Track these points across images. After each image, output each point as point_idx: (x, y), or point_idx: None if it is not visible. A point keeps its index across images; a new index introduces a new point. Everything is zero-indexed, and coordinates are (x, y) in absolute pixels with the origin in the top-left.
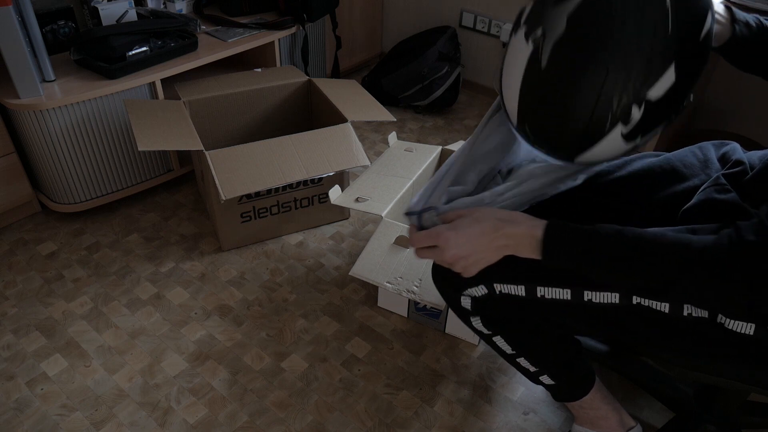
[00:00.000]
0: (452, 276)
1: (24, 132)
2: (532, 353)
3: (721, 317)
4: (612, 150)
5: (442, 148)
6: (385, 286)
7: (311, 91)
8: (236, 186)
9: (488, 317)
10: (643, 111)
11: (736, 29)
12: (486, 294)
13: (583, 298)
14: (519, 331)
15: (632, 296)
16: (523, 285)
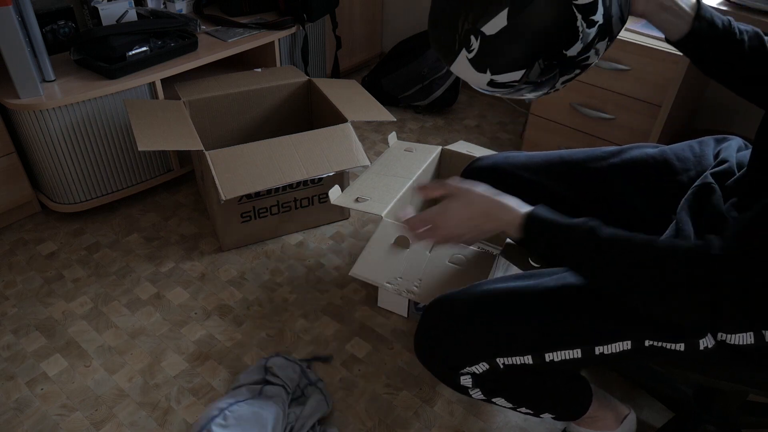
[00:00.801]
0: (446, 355)
1: (24, 132)
2: (533, 403)
3: (721, 335)
4: (468, 74)
5: (442, 148)
6: (385, 287)
7: (311, 91)
8: (236, 186)
9: (489, 388)
10: (479, 42)
11: (695, 25)
12: (488, 369)
13: (594, 353)
14: (519, 389)
15: (645, 340)
16: (530, 354)
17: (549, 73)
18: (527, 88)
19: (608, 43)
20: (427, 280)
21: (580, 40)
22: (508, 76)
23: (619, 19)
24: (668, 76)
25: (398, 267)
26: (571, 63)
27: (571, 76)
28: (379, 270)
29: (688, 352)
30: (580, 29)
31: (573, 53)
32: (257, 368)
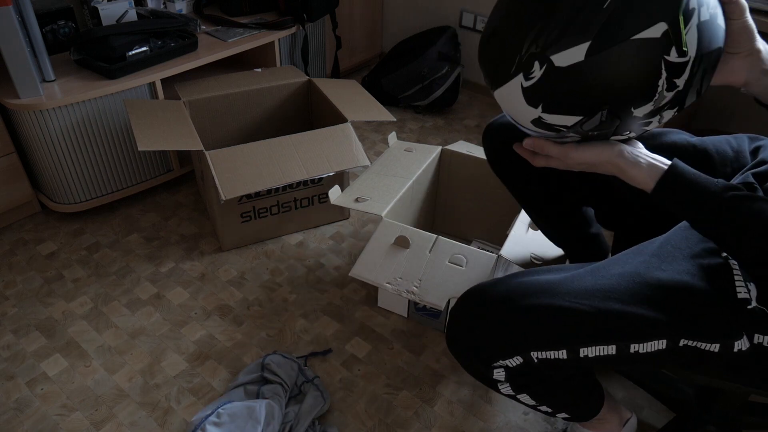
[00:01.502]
0: (480, 348)
1: (24, 132)
2: (555, 402)
3: (758, 337)
4: (513, 104)
5: (442, 148)
6: (385, 287)
7: (311, 91)
8: (236, 186)
9: (519, 382)
10: (543, 72)
11: None
12: (522, 363)
13: (629, 350)
14: (546, 388)
15: (680, 340)
16: (565, 349)
17: (605, 129)
18: (572, 138)
19: (675, 113)
20: (426, 280)
21: (653, 102)
22: (560, 119)
23: (696, 92)
24: None
25: (398, 267)
26: (632, 123)
27: (623, 138)
28: (379, 270)
29: (722, 353)
30: (659, 89)
31: (639, 114)
32: (255, 366)
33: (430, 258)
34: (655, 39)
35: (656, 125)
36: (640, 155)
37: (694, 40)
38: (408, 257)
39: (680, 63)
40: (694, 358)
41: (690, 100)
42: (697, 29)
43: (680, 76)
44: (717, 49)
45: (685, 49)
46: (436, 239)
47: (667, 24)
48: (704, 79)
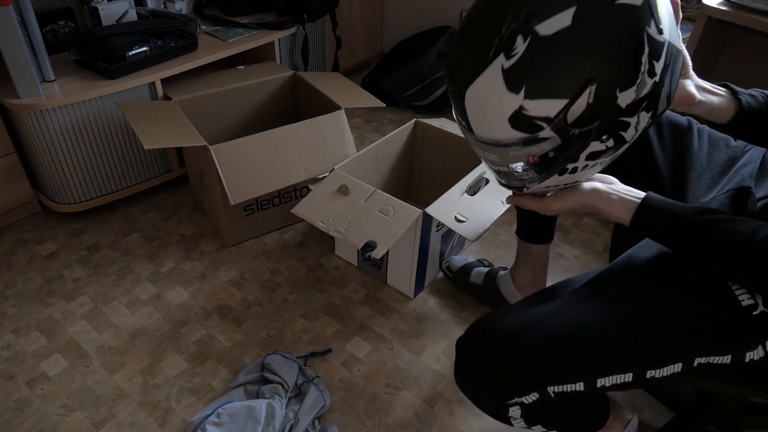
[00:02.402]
0: (494, 387)
1: (24, 132)
2: (566, 427)
3: None
4: (491, 98)
5: (416, 120)
6: (317, 224)
7: (297, 84)
8: (243, 190)
9: (534, 417)
10: (527, 45)
11: (742, 101)
12: (538, 399)
13: (646, 376)
14: (560, 417)
15: (695, 359)
16: (582, 381)
17: (586, 123)
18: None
19: (648, 122)
20: (354, 224)
21: (636, 86)
22: (543, 107)
23: (666, 97)
24: None
25: (334, 210)
26: (612, 119)
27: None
28: (317, 211)
29: (734, 364)
30: (642, 68)
31: (622, 103)
32: (255, 366)
33: (363, 206)
34: (637, 6)
35: (631, 137)
36: (613, 192)
37: (666, 21)
38: (345, 203)
39: (659, 42)
40: (708, 374)
41: (662, 105)
42: (666, 13)
43: (659, 60)
44: (678, 52)
45: (662, 27)
46: (374, 192)
47: None
48: (672, 83)
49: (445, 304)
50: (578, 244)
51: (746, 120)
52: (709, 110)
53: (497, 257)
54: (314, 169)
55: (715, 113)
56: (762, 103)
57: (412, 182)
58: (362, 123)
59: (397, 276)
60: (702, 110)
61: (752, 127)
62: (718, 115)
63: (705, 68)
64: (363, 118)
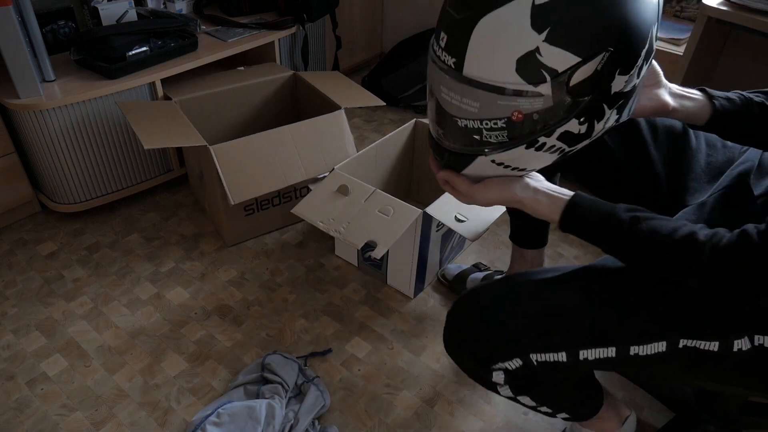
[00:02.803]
0: (478, 350)
1: (24, 132)
2: (555, 402)
3: (758, 339)
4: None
5: (416, 120)
6: (317, 225)
7: (297, 84)
8: (243, 190)
9: (519, 385)
10: None
11: (716, 105)
12: (521, 365)
13: (629, 353)
14: (547, 389)
15: (679, 340)
16: (564, 351)
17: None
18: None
19: (614, 123)
20: (354, 223)
21: (628, 77)
22: (557, 56)
23: (629, 108)
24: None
25: (334, 210)
26: (598, 102)
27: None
28: (317, 211)
29: (722, 352)
30: (638, 63)
31: (614, 87)
32: (255, 366)
33: (363, 206)
34: (656, 3)
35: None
36: (541, 189)
37: (655, 37)
38: (345, 203)
39: (653, 46)
40: (694, 360)
41: (626, 114)
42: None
43: (647, 63)
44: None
45: (657, 35)
46: (374, 191)
47: None
48: (635, 99)
49: (445, 304)
50: (578, 243)
51: (721, 122)
52: (685, 116)
53: (497, 257)
54: (314, 169)
55: (692, 118)
56: (738, 105)
57: (412, 182)
58: (362, 123)
59: (397, 276)
60: (679, 117)
61: (727, 128)
62: (695, 119)
63: (705, 68)
64: (363, 118)
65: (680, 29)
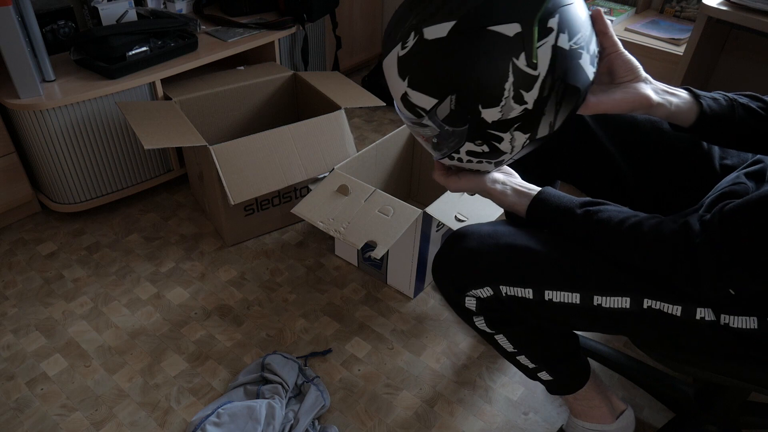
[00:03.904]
0: (456, 276)
1: (24, 132)
2: (533, 351)
3: (725, 317)
4: (391, 76)
5: None
6: (317, 225)
7: (297, 84)
8: (243, 189)
9: (492, 318)
10: (414, 42)
11: (703, 104)
12: (492, 295)
13: (593, 302)
14: (522, 330)
15: (643, 299)
16: (531, 288)
17: (455, 124)
18: (432, 130)
19: (526, 141)
20: (354, 224)
21: (500, 108)
22: (420, 98)
23: (549, 125)
24: (668, 76)
25: (333, 210)
26: (481, 129)
27: (477, 150)
28: (317, 211)
29: (685, 319)
30: (506, 94)
31: (487, 118)
32: (255, 366)
33: (363, 206)
34: (507, 37)
35: (508, 149)
36: (510, 184)
37: (546, 58)
38: (345, 203)
39: (529, 75)
40: (658, 323)
41: (542, 131)
42: (551, 50)
43: (529, 91)
44: (574, 87)
45: (535, 61)
46: (374, 191)
47: (521, 27)
48: (558, 114)
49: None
50: None
51: (709, 123)
52: (669, 113)
53: None
54: (314, 169)
55: (677, 116)
56: (724, 107)
57: (412, 182)
58: (362, 123)
59: (397, 276)
60: (662, 113)
61: (715, 131)
62: (681, 118)
63: (705, 68)
64: (363, 118)
65: (680, 29)
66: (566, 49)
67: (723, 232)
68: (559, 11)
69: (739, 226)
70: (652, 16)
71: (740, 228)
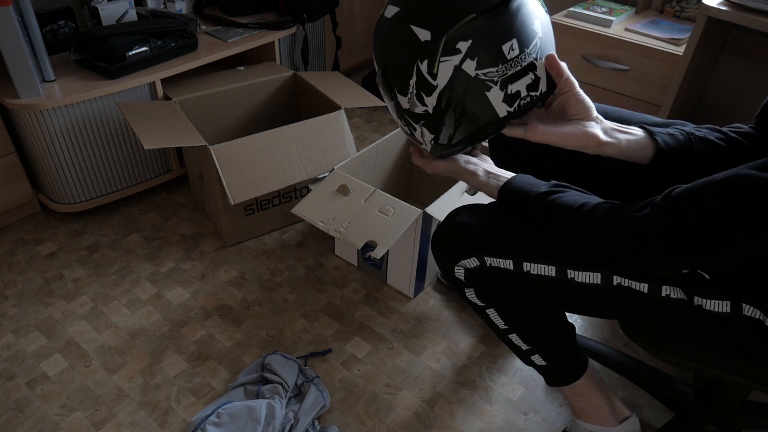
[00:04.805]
0: (448, 247)
1: (24, 132)
2: (525, 329)
3: (698, 300)
4: None
5: None
6: (317, 225)
7: (297, 84)
8: (243, 189)
9: (481, 289)
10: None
11: (659, 141)
12: (478, 266)
13: (567, 275)
14: (512, 305)
15: (613, 277)
16: (511, 260)
17: (388, 96)
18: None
19: (432, 140)
20: (354, 224)
21: (408, 98)
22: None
23: (448, 137)
24: (668, 76)
25: (333, 210)
26: (399, 111)
27: (406, 130)
28: (317, 211)
29: (651, 295)
30: (410, 90)
31: (402, 103)
32: (255, 366)
33: (363, 206)
34: (419, 40)
35: (422, 141)
36: (481, 166)
37: (446, 75)
38: (345, 203)
39: (428, 82)
40: (628, 300)
41: (443, 139)
42: (453, 70)
43: (429, 95)
44: (473, 115)
45: (435, 72)
46: (374, 191)
47: (431, 36)
48: (457, 131)
49: (445, 304)
50: None
51: (667, 158)
52: (620, 151)
53: None
54: (314, 169)
55: (631, 153)
56: (681, 141)
57: (412, 182)
58: (362, 123)
59: (397, 276)
60: (613, 151)
61: (675, 165)
62: (636, 156)
63: (705, 68)
64: (363, 118)
65: (680, 29)
66: (470, 75)
67: (669, 215)
68: (474, 38)
69: (684, 209)
70: (652, 16)
71: (686, 212)
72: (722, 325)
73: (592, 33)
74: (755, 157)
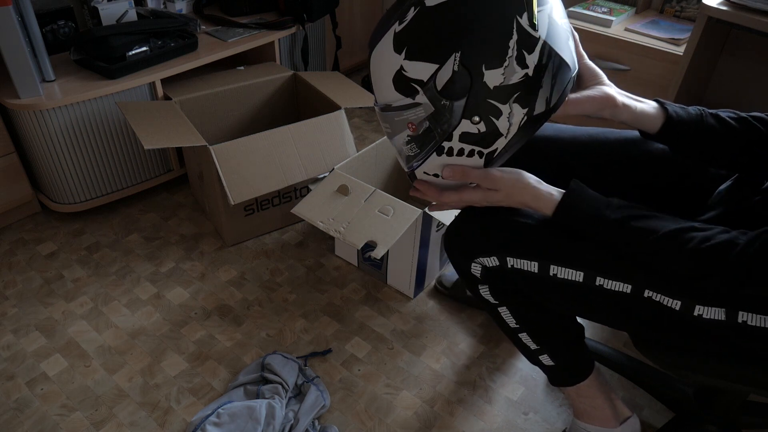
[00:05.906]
0: (465, 243)
1: (24, 132)
2: (535, 330)
3: (698, 308)
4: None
5: None
6: (317, 224)
7: (297, 84)
8: (243, 189)
9: (497, 288)
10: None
11: (669, 110)
12: (497, 266)
13: (595, 282)
14: (525, 304)
15: (645, 289)
16: (537, 262)
17: (454, 95)
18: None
19: (524, 118)
20: (354, 223)
21: (503, 69)
22: (418, 69)
23: (545, 100)
24: (668, 76)
25: (334, 210)
26: (480, 98)
27: (473, 131)
28: (317, 211)
29: (683, 314)
30: (510, 53)
31: (489, 82)
32: (255, 366)
33: (363, 206)
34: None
35: (504, 130)
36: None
37: (544, 24)
38: (345, 203)
39: (531, 35)
40: (654, 314)
41: (539, 107)
42: (548, 19)
43: (530, 53)
44: (566, 63)
45: (536, 22)
46: (374, 191)
47: None
48: (554, 89)
49: (445, 305)
50: None
51: (675, 129)
52: (634, 117)
53: None
54: (314, 169)
55: (643, 121)
56: (692, 114)
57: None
58: (362, 123)
59: (397, 276)
60: (628, 116)
61: (681, 137)
62: (646, 124)
63: (705, 68)
64: (363, 118)
65: (680, 29)
66: (558, 24)
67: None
68: None
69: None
70: (652, 16)
71: None
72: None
73: (592, 33)
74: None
